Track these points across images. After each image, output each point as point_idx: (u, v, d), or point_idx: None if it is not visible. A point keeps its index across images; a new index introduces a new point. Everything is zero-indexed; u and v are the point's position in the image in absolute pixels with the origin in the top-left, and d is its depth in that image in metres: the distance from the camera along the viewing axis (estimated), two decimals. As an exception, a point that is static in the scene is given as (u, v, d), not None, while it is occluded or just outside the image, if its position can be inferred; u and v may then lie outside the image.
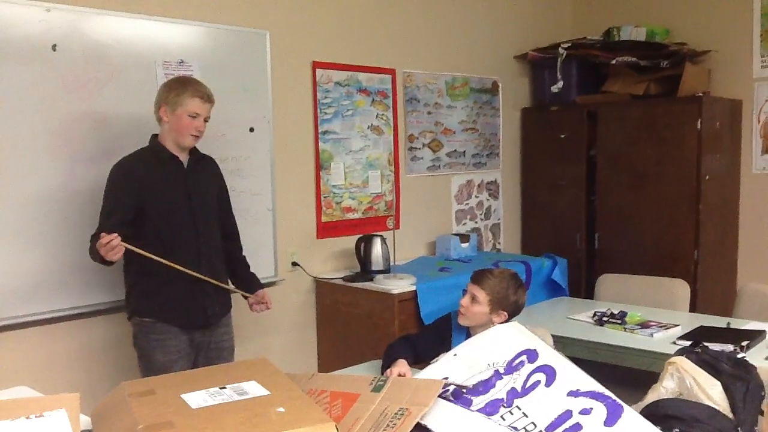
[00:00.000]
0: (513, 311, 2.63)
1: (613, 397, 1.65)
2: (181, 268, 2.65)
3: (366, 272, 3.91)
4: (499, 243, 5.19)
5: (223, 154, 3.37)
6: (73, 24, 3.06)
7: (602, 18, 5.22)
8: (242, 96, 3.63)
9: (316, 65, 4.00)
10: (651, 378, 2.06)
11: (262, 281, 3.63)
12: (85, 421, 1.65)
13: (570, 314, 3.52)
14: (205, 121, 2.77)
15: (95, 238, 2.56)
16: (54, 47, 3.01)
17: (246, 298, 3.05)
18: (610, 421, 1.59)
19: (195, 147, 2.84)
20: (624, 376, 2.70)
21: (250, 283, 3.07)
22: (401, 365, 2.35)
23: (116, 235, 2.44)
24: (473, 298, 2.59)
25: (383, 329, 3.64)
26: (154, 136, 2.80)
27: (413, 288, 3.69)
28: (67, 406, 1.40)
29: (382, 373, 2.41)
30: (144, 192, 2.68)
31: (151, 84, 3.17)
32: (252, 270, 3.13)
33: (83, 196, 3.07)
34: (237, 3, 3.64)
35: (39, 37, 2.97)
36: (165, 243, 2.69)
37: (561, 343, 2.96)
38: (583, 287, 4.77)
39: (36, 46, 2.96)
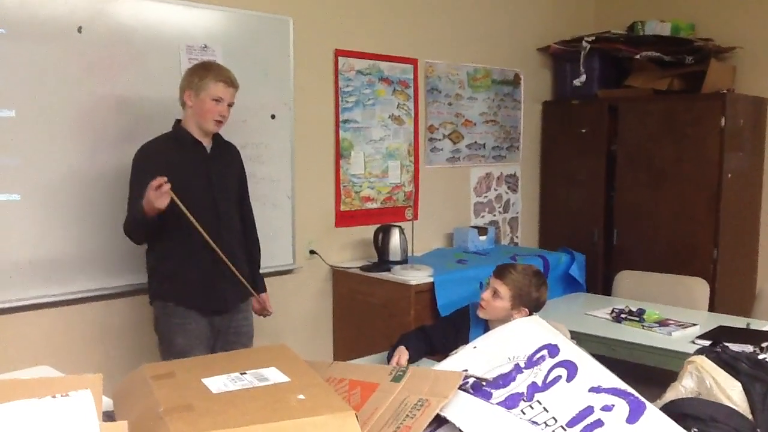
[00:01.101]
0: (534, 308, 2.62)
1: (636, 394, 1.64)
2: (207, 238, 2.65)
3: (383, 262, 3.91)
4: (516, 237, 5.17)
5: (243, 140, 3.38)
6: (98, 6, 3.07)
7: (626, 12, 5.17)
8: (264, 82, 3.63)
9: (338, 53, 3.99)
10: (668, 377, 2.05)
11: (280, 269, 3.67)
12: (106, 402, 1.66)
13: (587, 310, 3.51)
14: (230, 106, 2.77)
15: (129, 217, 2.63)
16: (79, 29, 3.02)
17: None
18: (632, 418, 1.57)
19: (218, 133, 2.85)
20: (641, 374, 2.69)
21: (253, 284, 3.03)
22: (401, 352, 2.43)
23: (166, 179, 2.46)
24: (495, 293, 2.58)
25: (399, 320, 3.64)
26: (178, 122, 2.81)
27: (430, 279, 3.69)
28: (91, 386, 1.40)
29: (388, 362, 2.44)
30: (166, 175, 2.68)
31: (175, 68, 3.18)
32: (262, 267, 3.12)
33: (105, 178, 3.09)
34: (261, -11, 3.64)
35: (65, 18, 2.98)
36: (185, 227, 2.68)
37: (578, 339, 2.93)
38: (600, 283, 4.75)
39: (62, 27, 2.98)
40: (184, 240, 2.68)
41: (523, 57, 5.09)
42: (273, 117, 3.68)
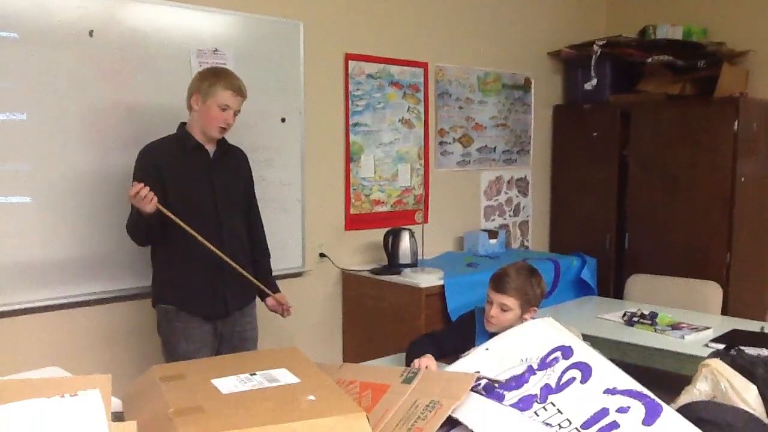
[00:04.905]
0: (539, 302, 2.60)
1: (652, 395, 1.62)
2: (206, 243, 2.64)
3: (393, 266, 3.89)
4: (527, 240, 5.15)
5: (254, 143, 3.37)
6: (109, 10, 3.08)
7: (638, 16, 5.14)
8: (275, 86, 3.63)
9: (348, 57, 3.98)
10: (680, 381, 2.02)
11: (290, 272, 3.67)
12: (115, 403, 1.65)
13: (599, 314, 3.48)
14: (236, 114, 2.76)
15: (130, 217, 2.63)
16: (91, 33, 3.03)
17: (262, 297, 3.01)
18: (648, 420, 1.55)
19: (223, 138, 2.84)
20: (653, 378, 2.66)
21: (267, 285, 3.00)
22: (429, 359, 2.32)
23: (143, 185, 2.47)
24: (503, 308, 2.55)
25: (409, 323, 3.62)
26: (182, 125, 2.81)
27: (441, 282, 3.67)
28: (100, 386, 1.39)
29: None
30: (167, 179, 2.67)
31: (185, 72, 3.18)
32: (273, 267, 3.09)
33: (114, 182, 3.08)
34: (272, -7, 3.64)
35: (76, 22, 2.99)
36: (186, 231, 2.65)
37: (590, 342, 2.91)
38: (611, 288, 4.72)
39: (73, 31, 2.98)
40: (186, 245, 2.66)
41: (534, 61, 5.07)
42: (283, 120, 3.68)
